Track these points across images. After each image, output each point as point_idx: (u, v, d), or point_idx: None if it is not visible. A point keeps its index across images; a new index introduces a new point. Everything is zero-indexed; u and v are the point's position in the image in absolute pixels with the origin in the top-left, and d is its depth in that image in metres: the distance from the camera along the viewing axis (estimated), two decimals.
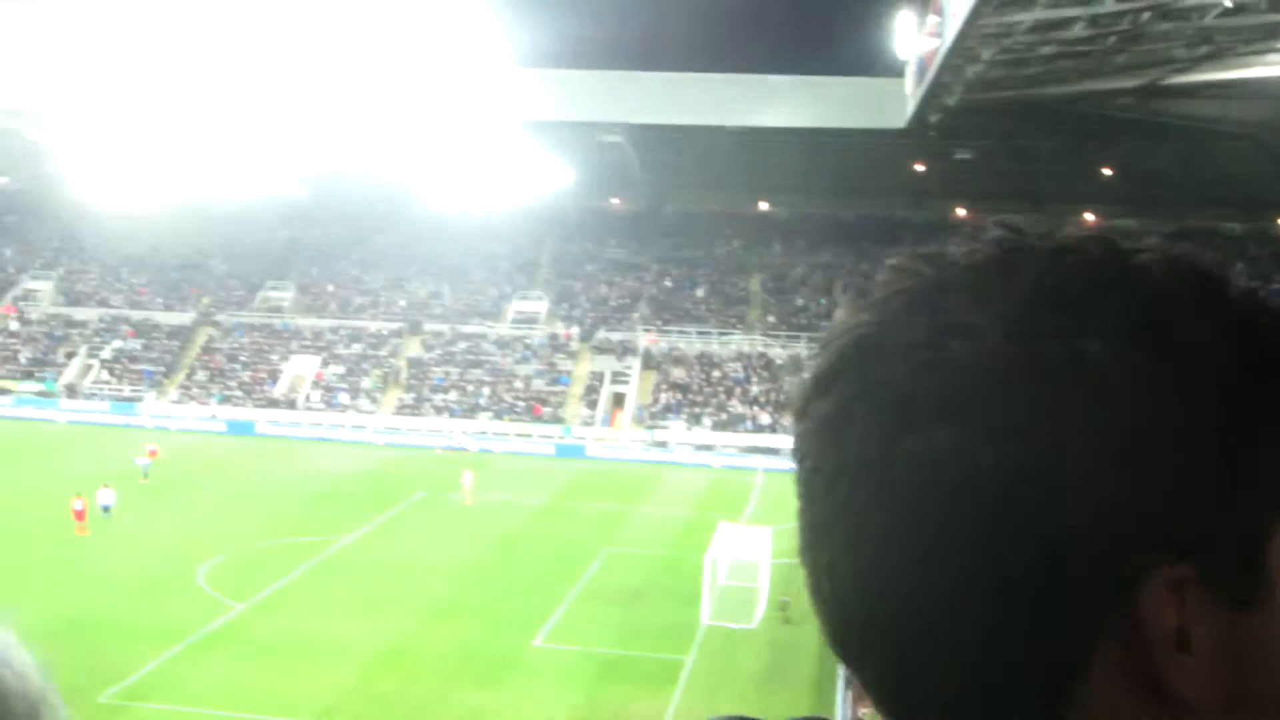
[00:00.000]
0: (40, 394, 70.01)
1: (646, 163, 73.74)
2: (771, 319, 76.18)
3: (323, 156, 72.32)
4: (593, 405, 68.34)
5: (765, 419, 66.35)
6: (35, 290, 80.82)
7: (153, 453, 53.18)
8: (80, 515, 41.10)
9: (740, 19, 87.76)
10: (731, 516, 43.28)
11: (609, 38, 74.16)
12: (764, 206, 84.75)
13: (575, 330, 74.52)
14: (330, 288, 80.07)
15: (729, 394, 69.29)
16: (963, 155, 69.58)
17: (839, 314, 0.82)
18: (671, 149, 70.96)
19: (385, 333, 75.14)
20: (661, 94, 64.28)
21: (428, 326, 75.85)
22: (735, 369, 71.27)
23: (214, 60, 60.59)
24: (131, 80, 61.32)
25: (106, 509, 42.65)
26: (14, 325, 76.93)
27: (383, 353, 73.43)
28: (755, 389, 69.43)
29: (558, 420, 67.36)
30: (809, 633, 29.17)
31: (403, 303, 78.18)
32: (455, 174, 75.69)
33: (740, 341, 73.70)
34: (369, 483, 54.00)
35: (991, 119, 58.78)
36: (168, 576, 36.22)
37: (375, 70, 62.91)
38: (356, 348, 73.85)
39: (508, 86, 64.31)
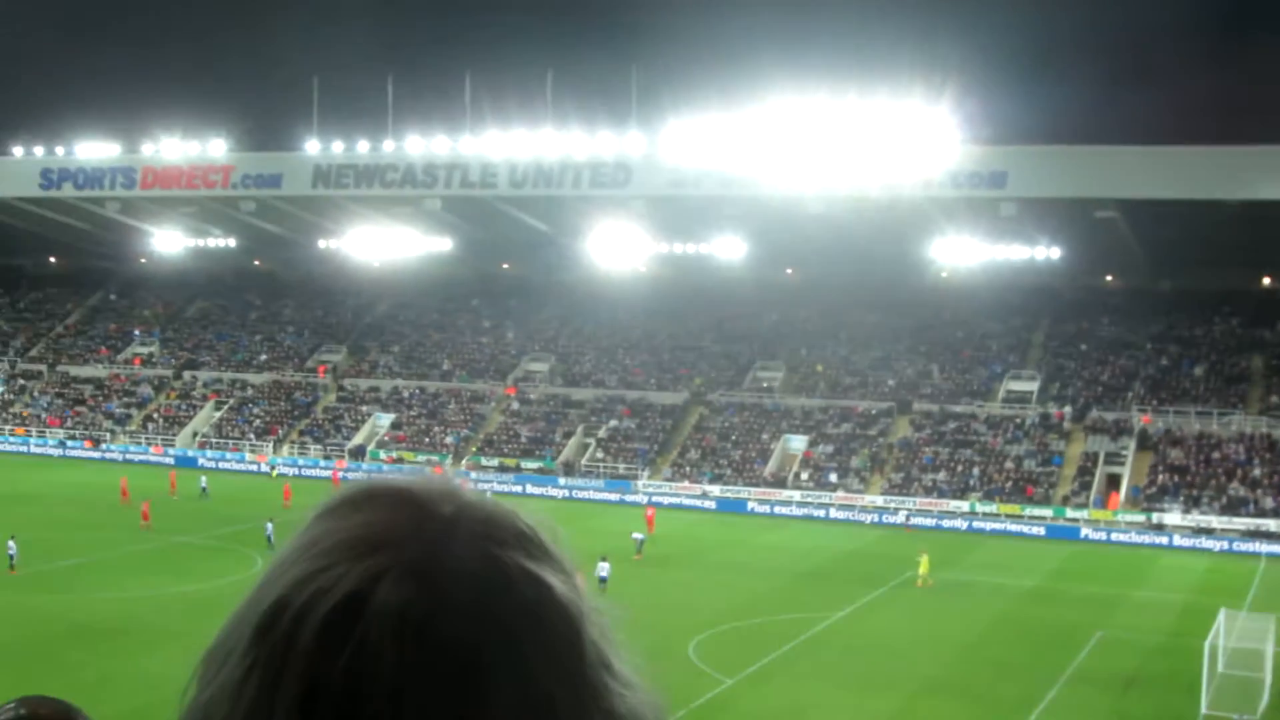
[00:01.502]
0: (540, 471, 78.67)
1: (1142, 238, 74.39)
2: (1275, 399, 74.92)
3: (810, 239, 78.04)
4: (1086, 486, 69.50)
5: (1269, 502, 65.75)
6: (535, 372, 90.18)
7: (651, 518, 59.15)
8: None
9: (1239, 92, 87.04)
10: (1232, 603, 43.31)
11: (1100, 113, 75.90)
12: (1267, 282, 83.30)
13: (1067, 410, 75.89)
14: (819, 367, 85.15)
15: (1229, 476, 68.83)
16: None
17: None
18: (1168, 224, 71.30)
19: (874, 412, 78.95)
20: (1157, 168, 65.27)
21: (917, 406, 79.14)
22: (1236, 450, 70.68)
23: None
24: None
25: (602, 581, 46.21)
26: (515, 405, 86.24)
27: (871, 432, 77.43)
28: (1257, 471, 68.70)
29: (1049, 501, 69.32)
30: None
31: (891, 382, 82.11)
32: (944, 253, 79.69)
33: (1241, 422, 72.94)
34: (858, 561, 56.83)
35: None
36: (660, 649, 37.46)
37: (863, 152, 68.36)
38: (845, 427, 78.07)
39: (998, 164, 67.91)
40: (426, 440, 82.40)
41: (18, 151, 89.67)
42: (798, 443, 77.38)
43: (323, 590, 1.02)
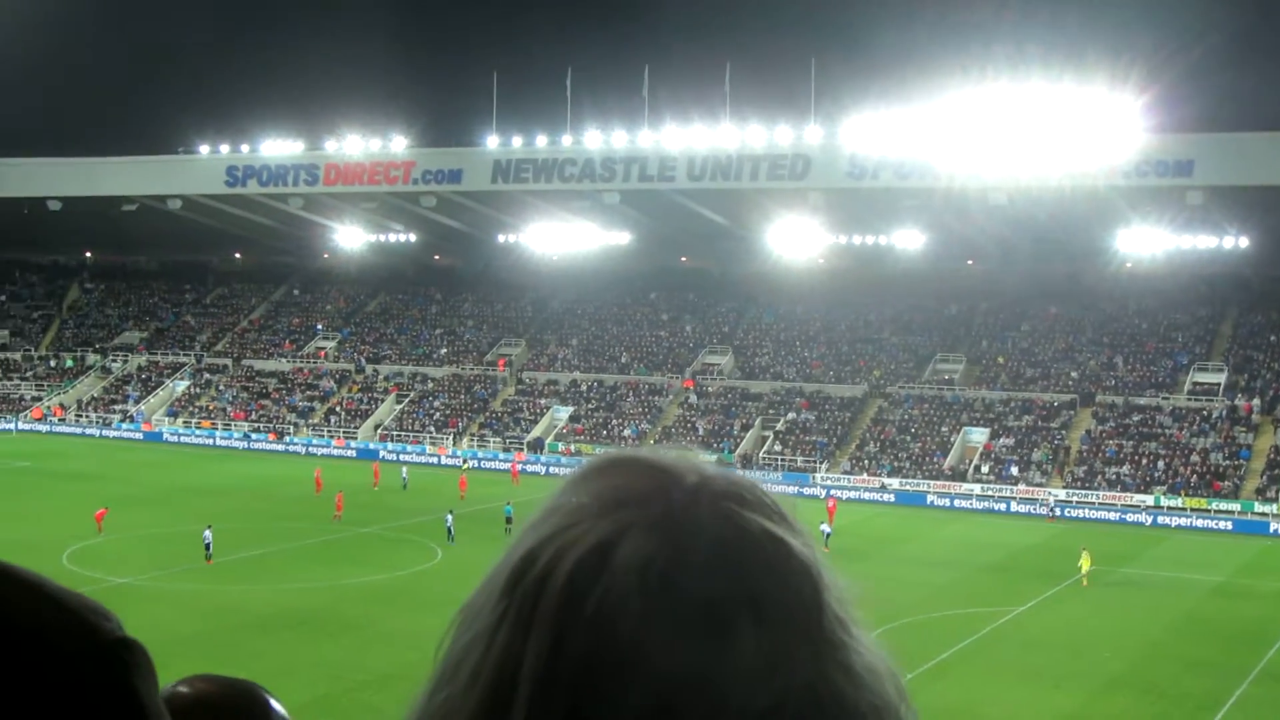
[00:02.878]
0: (718, 464, 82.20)
1: None
2: None
3: (990, 230, 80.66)
4: (1276, 480, 70.82)
5: None
6: (713, 365, 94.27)
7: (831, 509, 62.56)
8: None
9: None
10: None
11: None
12: None
13: (1256, 403, 77.42)
14: (1000, 359, 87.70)
15: None
16: None
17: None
18: None
19: (1056, 404, 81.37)
20: None
21: (1100, 398, 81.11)
22: None
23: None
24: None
25: None
26: (693, 398, 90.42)
27: (1054, 425, 79.88)
28: None
29: (1236, 495, 70.88)
30: None
31: (1074, 374, 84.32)
32: (1129, 243, 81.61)
33: None
34: (1039, 555, 58.30)
35: None
36: None
37: (1045, 140, 70.85)
38: (1027, 420, 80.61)
39: (1184, 151, 69.97)
40: (604, 433, 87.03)
41: (204, 150, 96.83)
42: (978, 435, 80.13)
43: (570, 543, 1.13)
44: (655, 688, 1.08)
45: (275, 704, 1.64)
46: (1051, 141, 70.63)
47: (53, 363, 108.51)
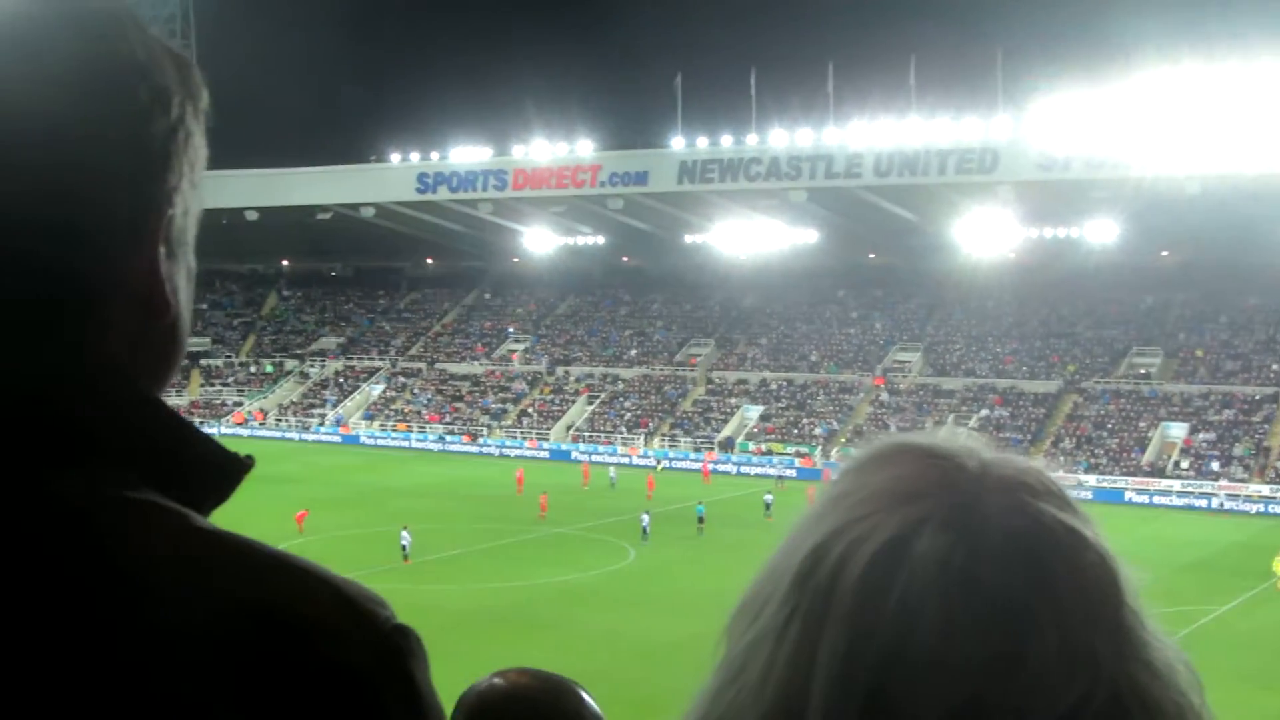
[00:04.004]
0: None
1: None
2: None
3: (1186, 220, 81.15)
4: None
5: None
6: (904, 362, 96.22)
7: None
8: None
9: None
10: None
11: None
12: None
13: None
14: (1199, 352, 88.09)
15: None
16: None
17: None
18: None
19: (1258, 398, 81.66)
20: None
21: None
22: None
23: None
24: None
25: None
26: (884, 395, 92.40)
27: (1255, 419, 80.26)
28: None
29: None
30: None
31: (1276, 367, 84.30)
32: None
33: None
34: (1244, 553, 58.36)
35: None
36: None
37: (1244, 125, 71.25)
38: (1227, 414, 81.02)
39: None
40: (795, 432, 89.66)
41: (395, 158, 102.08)
42: (1177, 430, 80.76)
43: (861, 537, 1.12)
44: (959, 686, 1.09)
45: (588, 699, 1.85)
46: (1250, 126, 70.96)
47: (253, 369, 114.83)
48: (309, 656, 1.23)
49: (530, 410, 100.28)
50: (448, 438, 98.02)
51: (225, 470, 1.38)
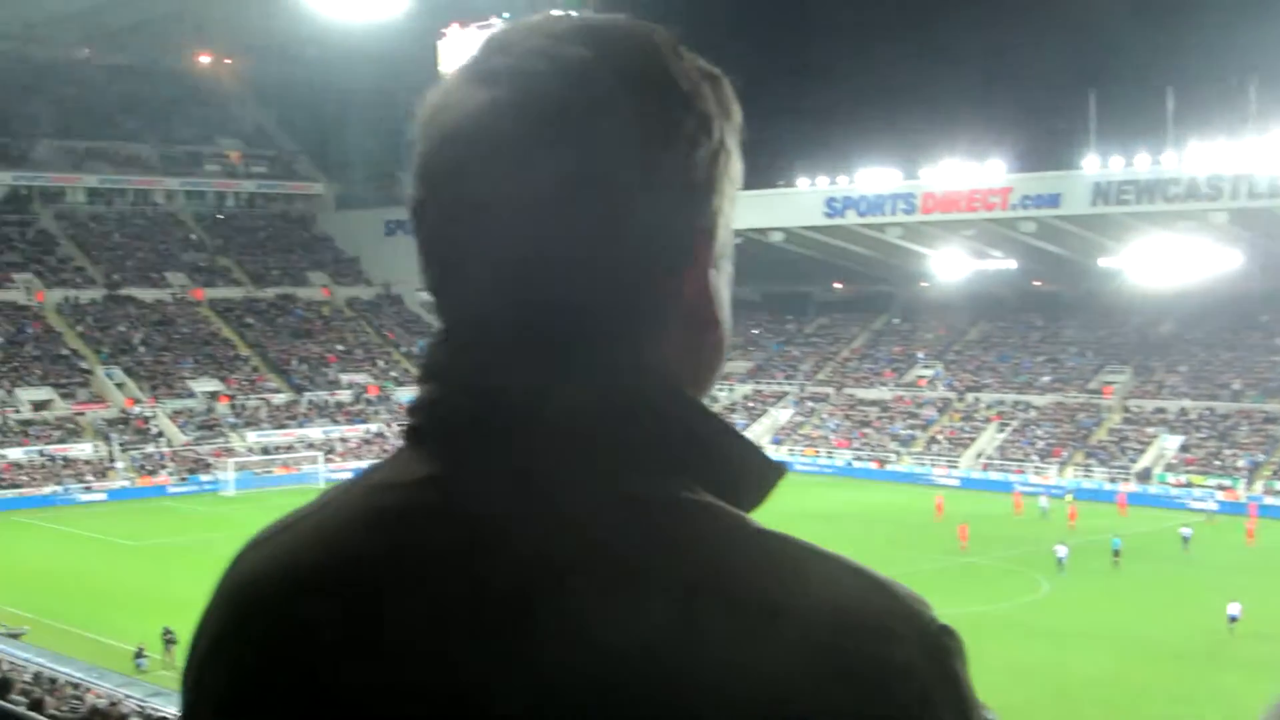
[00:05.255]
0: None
1: None
2: None
3: None
4: None
5: None
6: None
7: None
8: None
9: None
10: None
11: None
12: None
13: None
14: None
15: None
16: None
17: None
18: None
19: None
20: None
21: None
22: None
23: None
24: None
25: None
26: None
27: None
28: None
29: None
30: None
31: None
32: None
33: None
34: None
35: None
36: None
37: None
38: None
39: None
40: (1216, 463, 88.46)
41: (803, 183, 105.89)
42: None
43: None
44: None
45: None
46: None
47: None
48: (869, 653, 1.32)
49: (939, 437, 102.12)
50: (854, 463, 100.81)
51: (765, 476, 1.53)
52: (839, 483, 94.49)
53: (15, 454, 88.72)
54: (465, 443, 1.43)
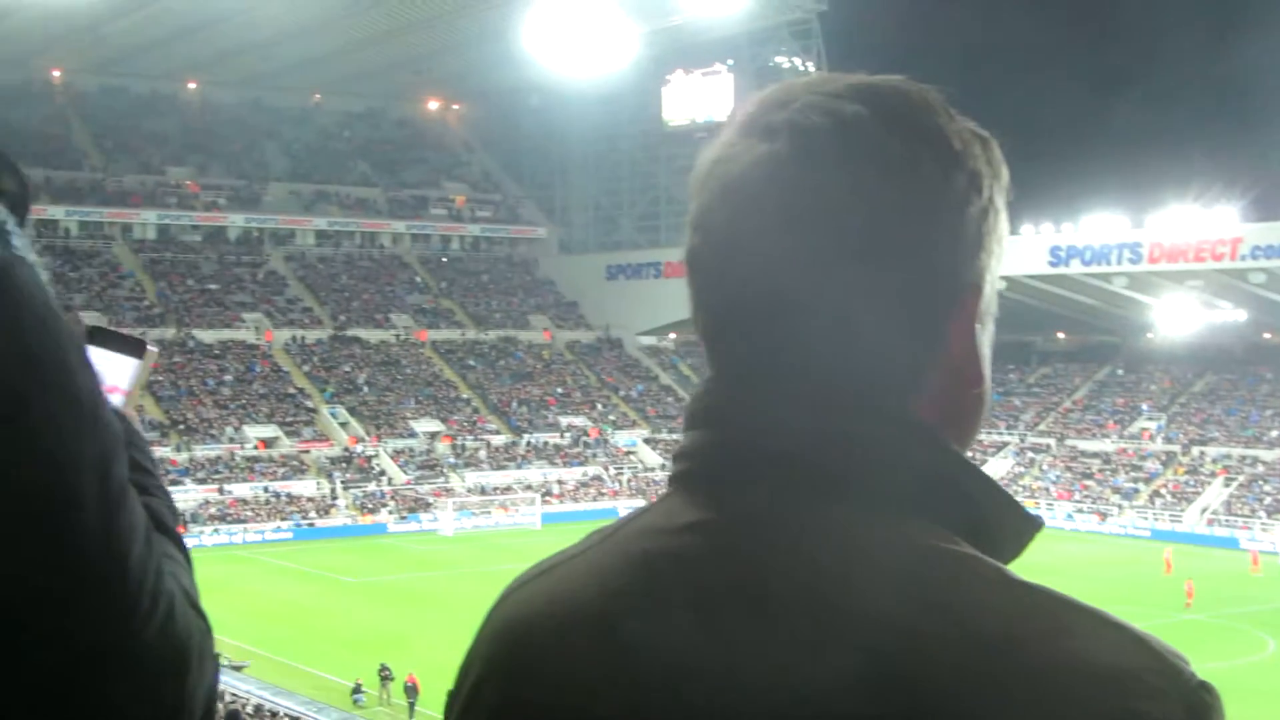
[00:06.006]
0: None
1: None
2: None
3: None
4: None
5: None
6: None
7: None
8: None
9: None
10: None
11: None
12: None
13: None
14: None
15: None
16: None
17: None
18: None
19: None
20: None
21: None
22: None
23: None
24: None
25: None
26: None
27: None
28: None
29: None
30: None
31: None
32: None
33: None
34: None
35: None
36: None
37: None
38: None
39: None
40: None
41: (1027, 230, 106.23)
42: None
43: None
44: None
45: None
46: None
47: None
48: (1130, 708, 1.31)
49: (1163, 490, 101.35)
50: (1075, 515, 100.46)
51: (1022, 529, 1.54)
52: (1060, 536, 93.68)
53: (241, 490, 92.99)
54: (739, 489, 1.46)
